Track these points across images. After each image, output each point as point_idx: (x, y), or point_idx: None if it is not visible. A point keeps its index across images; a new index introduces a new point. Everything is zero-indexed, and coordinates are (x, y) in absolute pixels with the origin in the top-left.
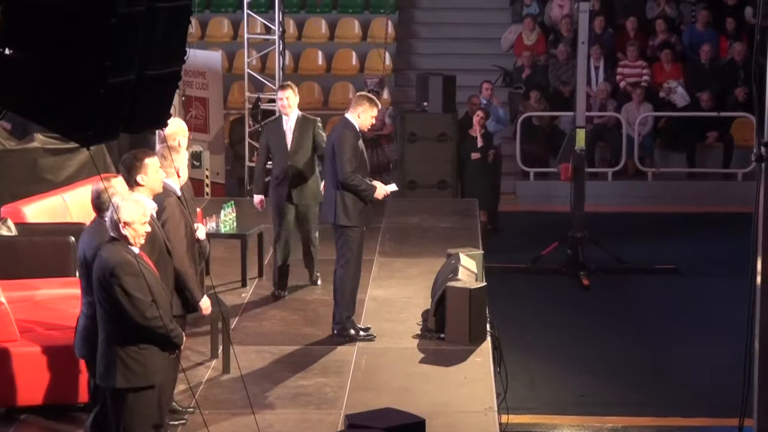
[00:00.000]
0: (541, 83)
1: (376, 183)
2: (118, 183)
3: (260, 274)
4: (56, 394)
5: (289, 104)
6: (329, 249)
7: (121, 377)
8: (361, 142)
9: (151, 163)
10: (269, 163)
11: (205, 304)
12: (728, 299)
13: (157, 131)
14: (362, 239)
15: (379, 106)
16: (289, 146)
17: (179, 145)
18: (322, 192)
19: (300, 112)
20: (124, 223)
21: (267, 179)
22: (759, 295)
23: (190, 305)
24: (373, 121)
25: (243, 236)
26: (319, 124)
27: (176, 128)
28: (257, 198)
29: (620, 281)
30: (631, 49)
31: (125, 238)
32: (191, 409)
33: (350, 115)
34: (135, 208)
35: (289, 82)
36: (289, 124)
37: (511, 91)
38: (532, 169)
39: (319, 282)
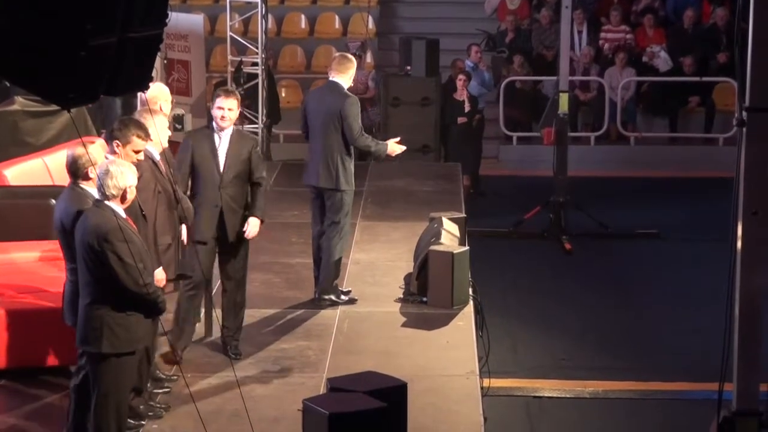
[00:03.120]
0: (524, 47)
1: (389, 142)
2: (95, 149)
3: None
4: (32, 357)
5: (229, 117)
6: (298, 211)
7: (106, 342)
8: None
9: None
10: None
11: (159, 275)
12: (710, 264)
13: (138, 94)
14: (351, 203)
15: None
16: (222, 169)
17: (160, 109)
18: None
19: (235, 127)
20: (129, 186)
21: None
22: (739, 260)
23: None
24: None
25: None
26: (258, 147)
27: (157, 92)
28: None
29: (602, 246)
30: (615, 14)
31: (125, 201)
32: (174, 377)
33: (341, 78)
34: (132, 172)
35: (234, 90)
36: (222, 143)
37: (494, 55)
38: (515, 134)
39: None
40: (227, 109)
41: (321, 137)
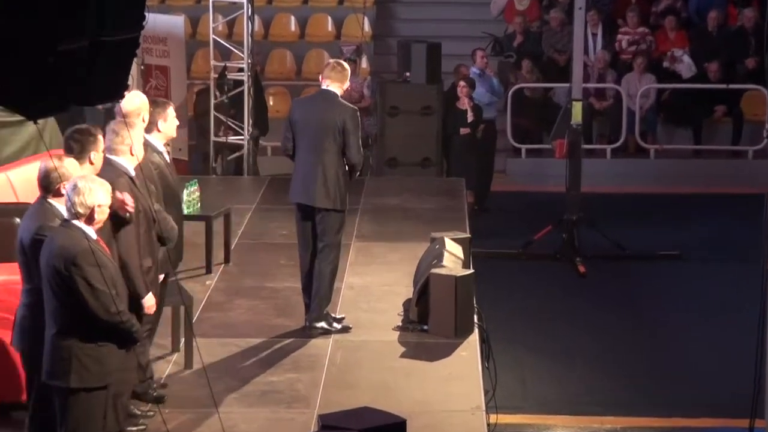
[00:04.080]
0: (534, 52)
1: None
2: (70, 163)
3: (227, 259)
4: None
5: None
6: (288, 231)
7: (75, 376)
8: None
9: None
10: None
11: (150, 301)
12: (737, 288)
13: (114, 104)
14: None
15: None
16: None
17: (143, 120)
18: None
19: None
20: (99, 205)
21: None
22: None
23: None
24: None
25: (208, 218)
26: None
27: (140, 103)
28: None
29: (619, 268)
30: (632, 15)
31: (92, 221)
32: (151, 413)
33: (336, 86)
34: (103, 190)
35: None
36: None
37: (501, 61)
38: (523, 146)
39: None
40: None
41: (314, 151)
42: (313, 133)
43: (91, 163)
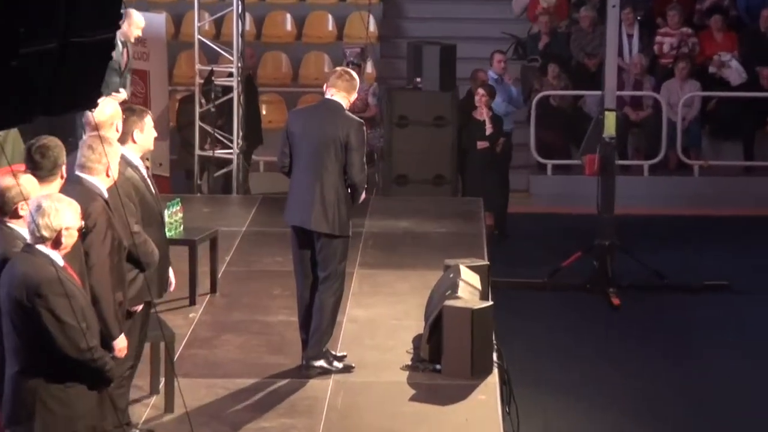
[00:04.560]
0: (561, 55)
1: None
2: (27, 180)
3: (213, 289)
4: None
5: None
6: (282, 257)
7: (40, 422)
8: None
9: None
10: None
11: (121, 343)
12: None
13: (86, 114)
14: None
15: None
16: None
17: (117, 130)
18: None
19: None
20: (66, 228)
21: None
22: None
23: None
24: None
25: (192, 242)
26: None
27: (113, 111)
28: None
29: (659, 300)
30: (673, 14)
31: (59, 246)
32: None
33: (341, 97)
34: (71, 210)
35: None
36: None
37: (524, 65)
38: (549, 161)
39: None
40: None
41: (312, 169)
42: (313, 149)
43: (62, 178)
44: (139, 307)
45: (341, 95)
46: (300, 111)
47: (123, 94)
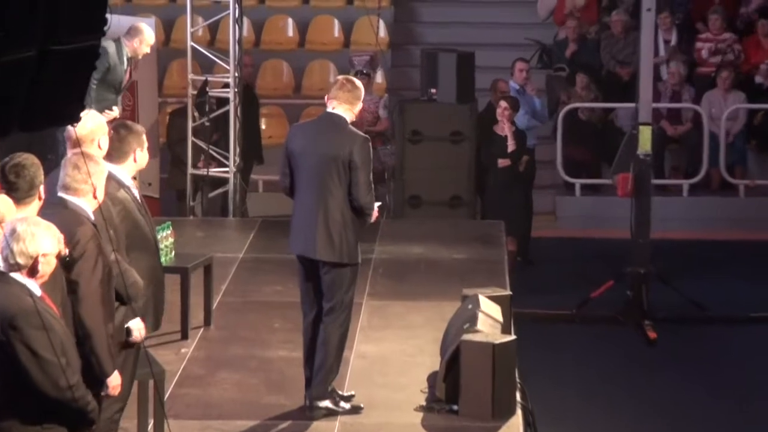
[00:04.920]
0: (590, 63)
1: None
2: (2, 202)
3: (207, 321)
4: None
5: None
6: (282, 286)
7: None
8: None
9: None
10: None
11: (115, 381)
12: None
13: (67, 128)
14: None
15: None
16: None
17: (99, 147)
18: None
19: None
20: (43, 255)
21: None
22: None
23: (93, 379)
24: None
25: (184, 270)
26: None
27: (95, 126)
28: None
29: (699, 334)
30: (715, 18)
31: (35, 274)
32: None
33: (344, 110)
34: (49, 235)
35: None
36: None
37: (549, 74)
38: (577, 180)
39: None
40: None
41: (315, 190)
42: (314, 168)
43: (40, 199)
44: (139, 334)
45: (343, 108)
46: (300, 126)
47: (115, 112)
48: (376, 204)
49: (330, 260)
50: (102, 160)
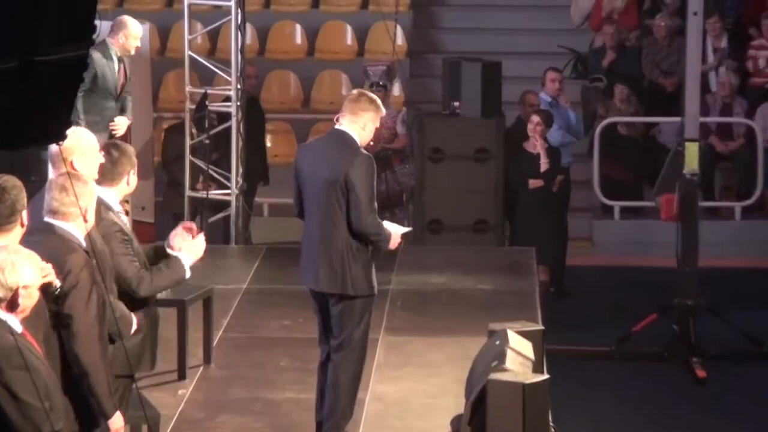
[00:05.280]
0: (630, 73)
1: (388, 226)
2: None
3: (207, 359)
4: None
5: None
6: (291, 320)
7: None
8: None
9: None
10: None
11: (118, 423)
12: None
13: (50, 147)
14: (371, 312)
15: (384, 111)
16: None
17: (72, 167)
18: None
19: None
20: (24, 287)
21: None
22: None
23: (89, 419)
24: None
25: (181, 303)
26: None
27: (69, 143)
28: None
29: (754, 372)
30: None
31: (15, 308)
32: None
33: (351, 127)
34: (30, 265)
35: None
36: None
37: (585, 86)
38: (616, 203)
39: None
40: None
41: (318, 215)
42: (316, 193)
43: (22, 225)
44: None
45: (353, 126)
46: (307, 146)
47: (124, 120)
48: (403, 230)
49: (334, 292)
50: (91, 180)
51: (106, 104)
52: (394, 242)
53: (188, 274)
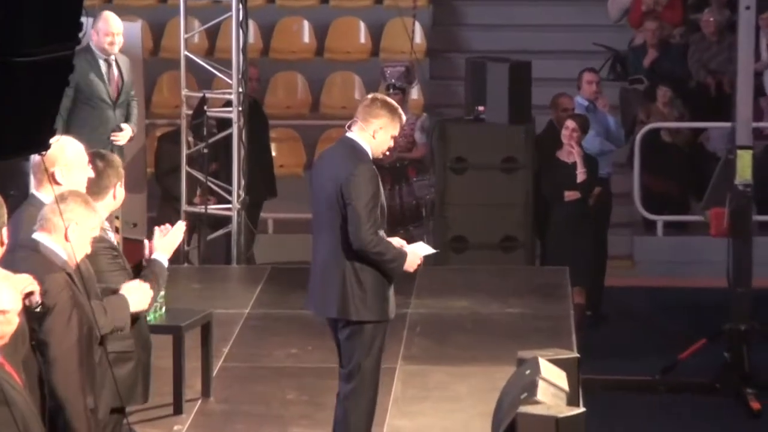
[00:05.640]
0: (675, 74)
1: (405, 247)
2: None
3: (205, 392)
4: None
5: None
6: (299, 348)
7: None
8: (378, 178)
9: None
10: None
11: None
12: None
13: (31, 158)
14: (384, 339)
15: (404, 117)
16: None
17: (55, 180)
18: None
19: None
20: (2, 312)
21: None
22: None
23: None
24: (391, 143)
25: (177, 329)
26: None
27: (53, 152)
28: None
29: None
30: None
31: None
32: None
33: (358, 135)
34: (8, 288)
35: None
36: None
37: (624, 88)
38: (659, 217)
39: None
40: None
41: (321, 232)
42: (319, 206)
43: (1, 244)
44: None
45: (362, 134)
46: (320, 155)
47: (127, 131)
48: (425, 250)
49: (336, 316)
50: (97, 209)
51: (101, 115)
52: (412, 263)
53: (165, 274)
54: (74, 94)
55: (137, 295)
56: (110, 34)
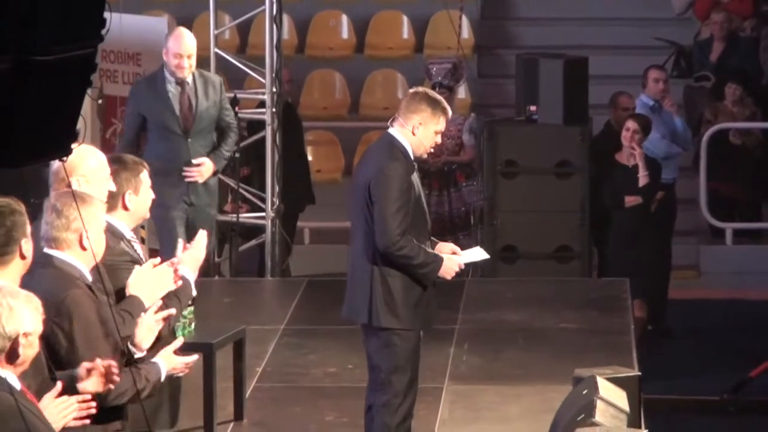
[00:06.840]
0: (745, 69)
1: (443, 250)
2: None
3: (238, 414)
4: None
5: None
6: (337, 367)
7: None
8: (417, 178)
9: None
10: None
11: None
12: None
13: (51, 164)
14: (418, 351)
15: (450, 113)
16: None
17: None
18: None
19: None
20: (25, 334)
21: None
22: None
23: None
24: (438, 140)
25: (207, 347)
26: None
27: (73, 160)
28: None
29: None
30: None
31: (15, 360)
32: None
33: (398, 131)
34: (30, 309)
35: None
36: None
37: (689, 85)
38: (728, 225)
39: None
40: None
41: (353, 233)
42: (354, 206)
43: (23, 258)
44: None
45: (402, 129)
46: (365, 152)
47: (206, 166)
48: (471, 256)
49: (358, 321)
50: (96, 198)
51: (172, 147)
52: (449, 270)
53: (194, 292)
54: (142, 122)
55: (141, 332)
56: (178, 56)
